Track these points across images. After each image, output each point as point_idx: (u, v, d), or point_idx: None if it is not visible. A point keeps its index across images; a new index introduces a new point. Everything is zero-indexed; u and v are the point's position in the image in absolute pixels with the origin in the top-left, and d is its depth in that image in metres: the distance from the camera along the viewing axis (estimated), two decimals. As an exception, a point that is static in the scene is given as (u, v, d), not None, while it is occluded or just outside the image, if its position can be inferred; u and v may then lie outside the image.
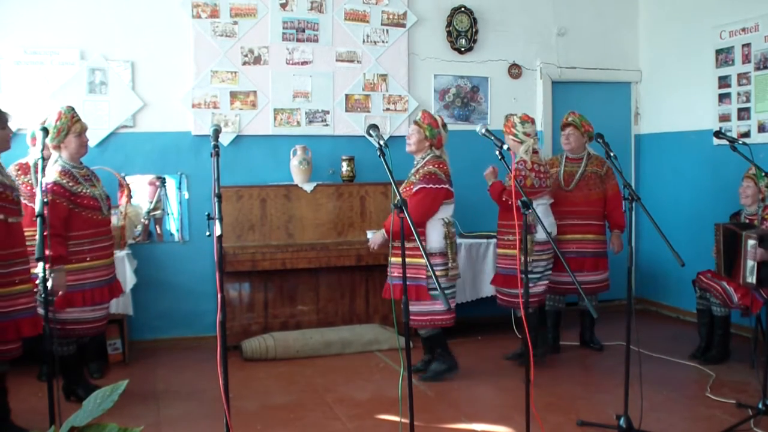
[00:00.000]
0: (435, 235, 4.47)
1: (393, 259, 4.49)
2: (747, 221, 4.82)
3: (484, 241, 5.63)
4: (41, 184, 3.37)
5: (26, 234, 4.07)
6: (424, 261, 4.28)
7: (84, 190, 4.17)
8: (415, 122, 4.60)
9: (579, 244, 5.10)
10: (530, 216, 4.45)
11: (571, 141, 5.08)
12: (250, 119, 5.77)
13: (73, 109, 4.24)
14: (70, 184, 4.12)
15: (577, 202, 5.09)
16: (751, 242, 4.43)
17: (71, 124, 4.15)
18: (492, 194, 4.85)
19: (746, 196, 4.81)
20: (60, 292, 3.98)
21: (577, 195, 5.08)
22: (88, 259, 4.17)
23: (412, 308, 4.41)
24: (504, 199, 4.74)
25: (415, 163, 4.61)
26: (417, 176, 4.51)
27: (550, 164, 5.17)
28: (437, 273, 4.39)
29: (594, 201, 5.10)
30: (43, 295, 3.10)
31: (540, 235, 4.69)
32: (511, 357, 5.06)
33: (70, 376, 4.31)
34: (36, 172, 4.57)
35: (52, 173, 4.09)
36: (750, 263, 4.49)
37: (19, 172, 4.64)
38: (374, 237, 4.64)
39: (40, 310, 3.74)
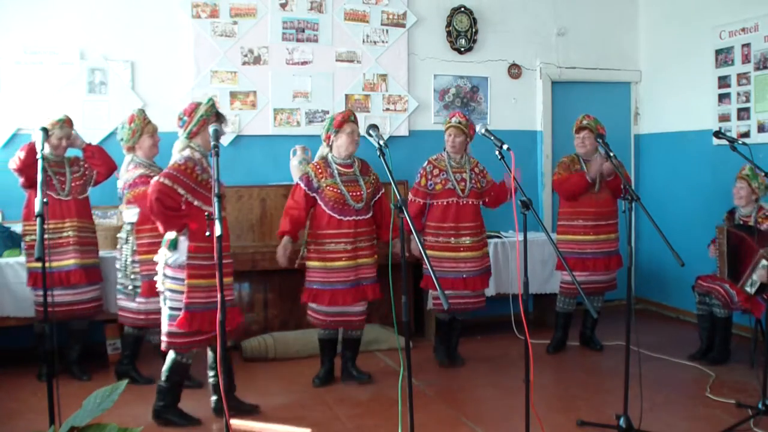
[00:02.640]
0: None
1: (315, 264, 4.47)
2: (741, 222, 4.83)
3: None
4: (39, 183, 3.36)
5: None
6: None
7: None
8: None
9: (605, 243, 5.13)
10: None
11: (586, 144, 5.05)
12: (250, 119, 5.77)
13: (144, 111, 4.59)
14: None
15: (600, 202, 5.11)
16: (765, 263, 4.46)
17: (144, 125, 4.48)
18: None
19: (740, 197, 4.81)
20: None
21: (600, 196, 5.11)
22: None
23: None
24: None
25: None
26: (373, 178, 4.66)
27: (570, 163, 5.16)
28: None
29: (610, 200, 5.15)
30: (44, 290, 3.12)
31: None
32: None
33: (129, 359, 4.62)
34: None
35: (133, 172, 4.42)
36: (755, 279, 4.53)
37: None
38: None
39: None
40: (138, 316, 4.46)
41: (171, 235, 3.72)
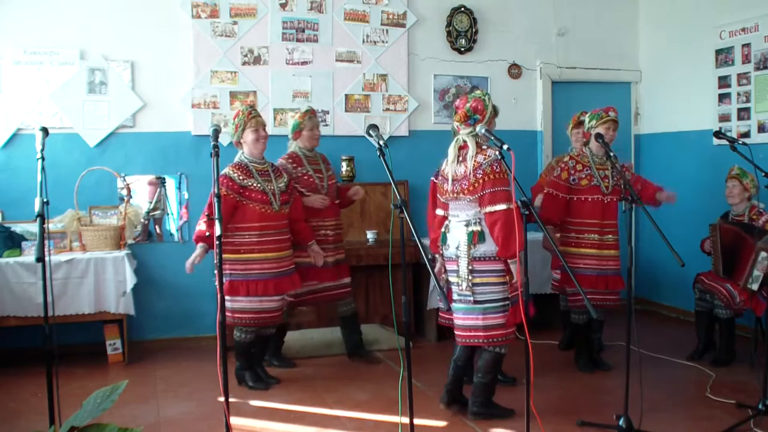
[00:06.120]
0: None
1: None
2: (734, 221, 4.84)
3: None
4: (39, 183, 3.36)
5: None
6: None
7: (254, 184, 4.37)
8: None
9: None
10: None
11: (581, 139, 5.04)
12: (250, 119, 5.76)
13: (251, 106, 4.56)
14: (241, 177, 4.35)
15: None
16: (764, 254, 4.46)
17: (247, 120, 4.39)
18: None
19: (733, 195, 4.84)
20: (189, 267, 4.24)
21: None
22: (255, 251, 4.33)
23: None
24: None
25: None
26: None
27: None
28: None
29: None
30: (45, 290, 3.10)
31: None
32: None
33: (242, 363, 4.54)
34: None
35: (226, 167, 4.36)
36: (757, 273, 4.53)
37: (291, 161, 4.84)
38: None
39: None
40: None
41: (476, 227, 3.68)
